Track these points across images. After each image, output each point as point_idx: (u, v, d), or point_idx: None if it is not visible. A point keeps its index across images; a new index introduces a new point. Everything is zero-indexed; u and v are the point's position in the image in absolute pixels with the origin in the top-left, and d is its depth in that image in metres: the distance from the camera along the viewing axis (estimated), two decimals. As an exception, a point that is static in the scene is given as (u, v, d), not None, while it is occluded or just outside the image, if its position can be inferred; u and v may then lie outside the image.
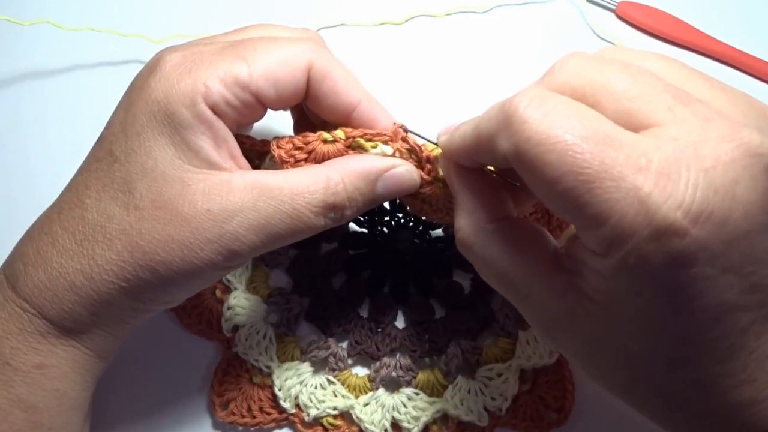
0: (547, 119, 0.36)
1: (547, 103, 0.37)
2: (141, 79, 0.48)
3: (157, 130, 0.46)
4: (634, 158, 0.35)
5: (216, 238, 0.45)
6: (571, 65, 0.41)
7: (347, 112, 0.50)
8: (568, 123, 0.36)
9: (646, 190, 0.34)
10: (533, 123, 0.36)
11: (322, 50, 0.49)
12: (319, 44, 0.51)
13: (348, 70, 0.50)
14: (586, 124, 0.36)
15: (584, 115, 0.37)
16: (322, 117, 0.52)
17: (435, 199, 0.52)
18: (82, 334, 0.48)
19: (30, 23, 0.69)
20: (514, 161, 0.38)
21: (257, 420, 0.60)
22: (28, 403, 0.48)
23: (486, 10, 0.75)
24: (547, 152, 0.36)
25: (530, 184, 0.38)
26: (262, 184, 0.46)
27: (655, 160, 0.35)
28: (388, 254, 0.64)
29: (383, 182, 0.49)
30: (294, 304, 0.63)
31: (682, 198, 0.34)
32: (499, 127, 0.39)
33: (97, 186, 0.47)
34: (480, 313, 0.62)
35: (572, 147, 0.35)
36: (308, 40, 0.50)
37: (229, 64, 0.46)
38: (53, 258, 0.47)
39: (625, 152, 0.35)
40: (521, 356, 0.60)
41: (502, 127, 0.38)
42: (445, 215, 0.53)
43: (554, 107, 0.37)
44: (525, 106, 0.37)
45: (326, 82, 0.48)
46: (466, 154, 0.45)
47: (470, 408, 0.59)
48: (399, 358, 0.61)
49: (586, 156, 0.35)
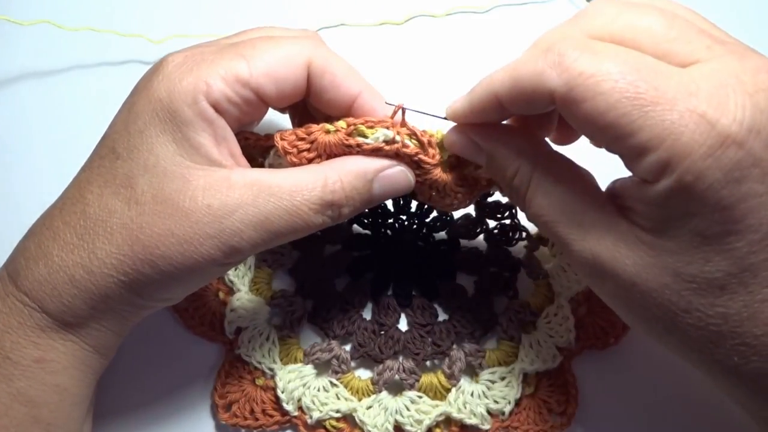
0: (599, 56, 0.40)
1: (595, 45, 0.41)
2: (145, 80, 0.49)
3: (159, 127, 0.46)
4: (684, 85, 0.38)
5: (216, 233, 0.46)
6: (602, 12, 0.44)
7: (348, 103, 0.50)
8: (618, 58, 0.40)
9: (701, 109, 0.37)
10: (586, 58, 0.40)
11: (320, 46, 0.50)
12: (317, 41, 0.51)
13: (347, 63, 0.51)
14: (635, 59, 0.40)
15: (630, 52, 0.40)
16: (325, 111, 0.52)
17: (442, 183, 0.52)
18: (82, 329, 0.49)
19: (30, 23, 0.69)
20: (565, 97, 0.40)
21: (260, 422, 0.60)
22: (28, 397, 0.48)
23: (486, 10, 0.75)
24: (601, 82, 0.39)
25: (580, 119, 0.40)
26: (262, 182, 0.47)
27: (704, 86, 0.38)
28: (391, 256, 0.65)
29: (379, 181, 0.50)
30: (297, 306, 0.63)
31: (734, 115, 0.37)
32: (545, 66, 0.41)
33: (99, 182, 0.48)
34: (483, 316, 0.62)
35: (626, 76, 0.39)
36: (307, 38, 0.51)
37: (230, 62, 0.47)
38: (54, 252, 0.47)
39: (675, 80, 0.38)
40: (524, 360, 0.61)
41: (552, 65, 0.40)
42: (454, 199, 0.54)
43: (602, 48, 0.40)
44: (574, 48, 0.40)
45: (326, 76, 0.49)
46: (490, 108, 0.46)
47: (473, 411, 0.59)
48: (402, 360, 0.61)
49: (640, 83, 0.38)
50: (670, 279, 0.41)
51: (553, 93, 0.41)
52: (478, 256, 0.64)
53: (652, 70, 0.39)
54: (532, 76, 0.42)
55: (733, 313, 0.40)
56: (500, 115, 0.47)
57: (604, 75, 0.39)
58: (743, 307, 0.40)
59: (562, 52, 0.41)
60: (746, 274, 0.39)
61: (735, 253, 0.39)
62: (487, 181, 0.53)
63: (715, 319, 0.41)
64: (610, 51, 0.40)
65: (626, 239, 0.42)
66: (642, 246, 0.42)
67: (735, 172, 0.37)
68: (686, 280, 0.40)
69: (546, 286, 0.63)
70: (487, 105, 0.46)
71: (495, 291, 0.63)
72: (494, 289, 0.63)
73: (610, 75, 0.39)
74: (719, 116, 0.37)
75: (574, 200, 0.45)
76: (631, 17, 0.43)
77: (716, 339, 0.41)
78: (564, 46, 0.41)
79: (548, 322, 0.61)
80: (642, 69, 0.39)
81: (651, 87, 0.38)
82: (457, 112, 0.49)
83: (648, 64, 0.39)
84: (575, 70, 0.40)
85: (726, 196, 0.38)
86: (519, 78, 0.43)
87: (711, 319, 0.41)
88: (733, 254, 0.39)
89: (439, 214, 0.64)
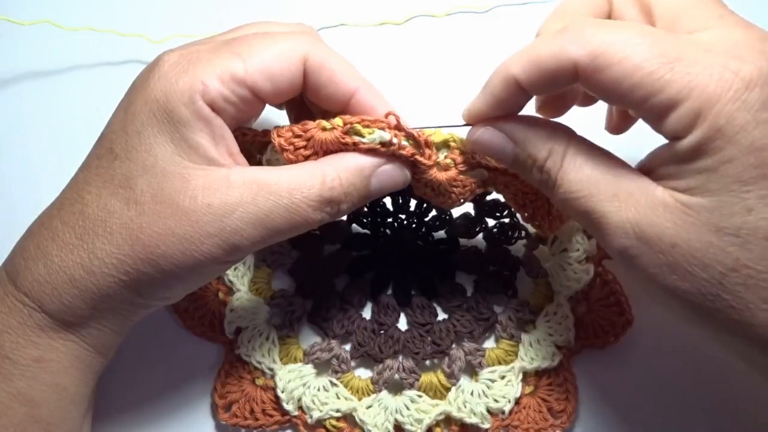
0: (615, 27, 0.43)
1: (607, 21, 0.45)
2: (140, 79, 0.49)
3: (157, 127, 0.46)
4: (702, 44, 0.41)
5: (216, 231, 0.46)
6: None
7: (345, 99, 0.50)
8: (634, 28, 0.43)
9: (722, 61, 0.40)
10: (604, 30, 0.42)
11: (316, 42, 0.50)
12: (313, 36, 0.51)
13: (344, 59, 0.51)
14: (649, 28, 0.43)
15: (642, 25, 0.44)
16: (322, 107, 0.52)
17: (437, 183, 0.52)
18: (82, 329, 0.49)
19: (30, 23, 0.69)
20: (589, 66, 0.42)
21: (260, 422, 0.60)
22: (28, 396, 0.48)
23: (486, 10, 0.75)
24: (625, 47, 0.41)
25: (607, 85, 0.42)
26: (261, 180, 0.47)
27: (720, 45, 0.41)
28: (390, 256, 0.65)
29: (377, 177, 0.50)
30: (297, 306, 0.63)
31: (752, 63, 0.40)
32: (565, 42, 0.42)
33: (98, 182, 0.48)
34: (483, 315, 0.62)
35: (649, 38, 0.41)
36: (302, 33, 0.51)
37: (225, 61, 0.47)
38: (53, 252, 0.48)
39: (693, 41, 0.42)
40: (524, 358, 0.61)
41: (572, 40, 0.42)
42: (447, 199, 0.54)
43: (616, 23, 0.44)
44: (590, 24, 0.43)
45: (323, 72, 0.49)
46: (511, 95, 0.47)
47: (473, 410, 0.59)
48: (402, 360, 0.62)
49: (660, 45, 0.41)
50: (713, 237, 0.41)
51: (576, 65, 0.42)
52: (477, 255, 0.64)
53: (668, 36, 0.42)
54: (553, 53, 0.43)
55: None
56: (520, 101, 0.48)
57: (626, 40, 0.41)
58: None
59: (581, 27, 0.43)
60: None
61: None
62: (483, 181, 0.53)
63: (766, 274, 0.40)
64: (623, 24, 0.44)
65: (664, 203, 0.43)
66: (681, 206, 0.42)
67: (764, 112, 0.39)
68: (730, 234, 0.40)
69: (545, 284, 0.63)
70: (507, 93, 0.46)
71: (494, 290, 0.63)
72: (494, 288, 0.63)
73: (632, 39, 0.41)
74: (740, 65, 0.40)
75: (607, 173, 0.46)
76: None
77: (757, 305, 0.41)
78: (580, 23, 0.43)
79: (547, 321, 0.61)
80: (658, 34, 0.42)
81: (671, 47, 0.41)
82: (478, 109, 0.49)
83: (661, 32, 0.43)
84: (597, 39, 0.42)
85: (758, 137, 0.39)
86: (540, 57, 0.44)
87: (761, 274, 0.40)
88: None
89: (439, 213, 0.64)
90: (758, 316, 0.41)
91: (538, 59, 0.44)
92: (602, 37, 0.42)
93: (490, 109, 0.48)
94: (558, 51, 0.43)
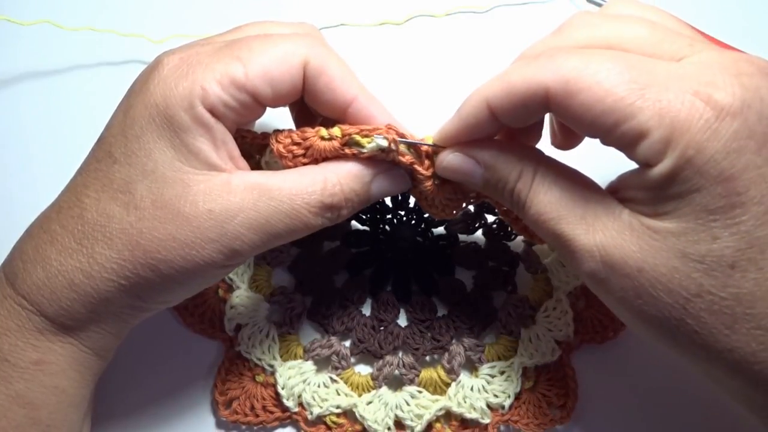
0: (588, 54, 0.42)
1: (583, 49, 0.43)
2: (140, 82, 0.49)
3: (157, 133, 0.46)
4: (674, 71, 0.41)
5: (217, 237, 0.46)
6: (586, 23, 0.46)
7: (343, 108, 0.50)
8: (607, 54, 0.42)
9: (694, 88, 0.39)
10: (577, 56, 0.42)
11: (318, 45, 0.49)
12: (315, 38, 0.51)
13: (345, 64, 0.50)
14: (623, 55, 0.42)
15: (618, 52, 0.43)
16: (320, 112, 0.52)
17: (431, 195, 0.52)
18: (81, 332, 0.49)
19: (30, 23, 0.69)
20: (560, 92, 0.41)
21: (260, 419, 0.60)
22: (27, 399, 0.48)
23: (486, 10, 0.75)
24: (596, 72, 0.41)
25: (578, 111, 0.41)
26: (262, 185, 0.47)
27: (692, 71, 0.41)
28: (390, 252, 0.65)
29: (377, 183, 0.51)
30: (296, 303, 0.63)
31: (725, 90, 0.39)
32: (538, 68, 0.42)
33: (96, 186, 0.48)
34: (482, 311, 0.62)
35: (620, 65, 0.41)
36: (304, 35, 0.50)
37: (225, 66, 0.47)
38: (52, 256, 0.47)
39: (664, 68, 0.41)
40: (524, 354, 0.61)
41: (544, 67, 0.42)
42: (440, 212, 0.54)
43: (590, 50, 0.43)
44: (564, 51, 0.43)
45: (322, 78, 0.49)
46: (482, 122, 0.46)
47: (473, 405, 0.59)
48: (402, 356, 0.62)
49: (634, 71, 0.40)
50: (678, 262, 0.41)
51: (548, 91, 0.41)
52: (476, 251, 0.64)
53: (642, 62, 0.41)
54: (525, 80, 0.42)
55: (745, 292, 0.40)
56: (492, 128, 0.47)
57: (598, 65, 0.41)
58: (755, 286, 0.40)
59: (553, 54, 0.42)
60: (754, 250, 0.39)
61: (741, 227, 0.39)
62: (477, 194, 0.53)
63: (729, 301, 0.40)
64: (597, 51, 0.43)
65: (631, 227, 0.42)
66: (647, 231, 0.42)
67: (733, 142, 0.39)
68: (695, 260, 0.40)
69: (544, 280, 0.63)
70: (479, 119, 0.46)
71: (494, 286, 0.63)
72: (493, 284, 0.63)
73: (604, 64, 0.41)
74: (712, 92, 0.39)
75: (576, 195, 0.45)
76: (615, 26, 0.45)
77: (731, 323, 0.41)
78: (553, 50, 0.43)
79: (547, 316, 0.61)
80: (632, 60, 0.41)
81: (643, 73, 0.40)
82: (448, 133, 0.49)
83: (636, 58, 0.42)
84: (569, 64, 0.41)
85: (727, 168, 0.39)
86: (512, 84, 0.43)
87: (724, 301, 0.40)
88: (740, 228, 0.39)
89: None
90: (721, 341, 0.41)
91: (509, 85, 0.43)
92: (574, 63, 0.41)
93: (460, 134, 0.48)
94: (530, 77, 0.42)
